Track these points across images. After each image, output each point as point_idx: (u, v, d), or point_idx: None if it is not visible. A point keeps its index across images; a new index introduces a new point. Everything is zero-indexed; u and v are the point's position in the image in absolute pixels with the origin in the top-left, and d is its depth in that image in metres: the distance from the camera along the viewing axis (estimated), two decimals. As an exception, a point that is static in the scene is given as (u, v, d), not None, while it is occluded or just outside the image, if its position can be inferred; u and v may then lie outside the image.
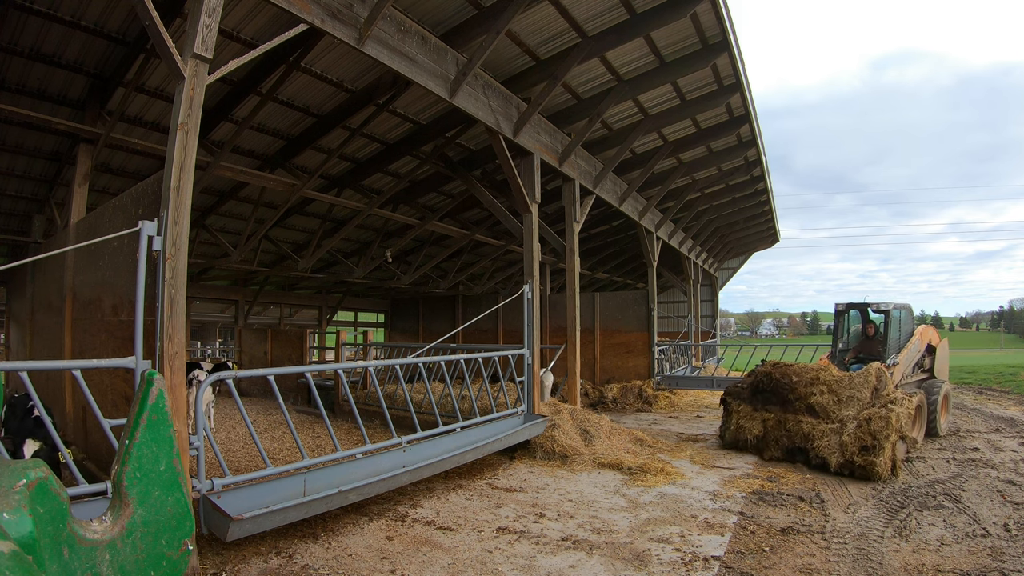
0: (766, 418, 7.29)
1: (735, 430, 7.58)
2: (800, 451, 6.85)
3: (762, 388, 7.51)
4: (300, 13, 4.62)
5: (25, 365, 3.67)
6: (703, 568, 3.92)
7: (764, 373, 7.60)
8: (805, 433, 6.80)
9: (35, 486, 1.22)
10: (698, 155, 11.97)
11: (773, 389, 7.36)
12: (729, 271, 29.25)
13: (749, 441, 7.34)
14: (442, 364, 7.99)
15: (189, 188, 3.92)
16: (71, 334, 5.74)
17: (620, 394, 12.25)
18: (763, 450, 7.20)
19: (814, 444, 6.63)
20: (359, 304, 22.34)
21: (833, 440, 6.52)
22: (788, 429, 7.00)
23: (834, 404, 6.86)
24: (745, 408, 7.56)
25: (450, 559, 4.07)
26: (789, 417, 7.04)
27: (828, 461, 6.43)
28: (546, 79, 7.45)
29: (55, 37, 6.03)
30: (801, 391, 7.11)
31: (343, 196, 10.90)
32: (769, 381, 7.44)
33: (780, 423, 7.11)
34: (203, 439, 3.98)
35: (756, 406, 7.47)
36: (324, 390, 10.74)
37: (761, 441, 7.26)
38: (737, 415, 7.63)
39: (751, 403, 7.55)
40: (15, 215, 10.31)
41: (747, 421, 7.44)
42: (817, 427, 6.74)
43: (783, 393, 7.24)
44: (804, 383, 7.18)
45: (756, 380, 7.64)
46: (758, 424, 7.33)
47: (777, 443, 7.08)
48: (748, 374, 7.93)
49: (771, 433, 7.16)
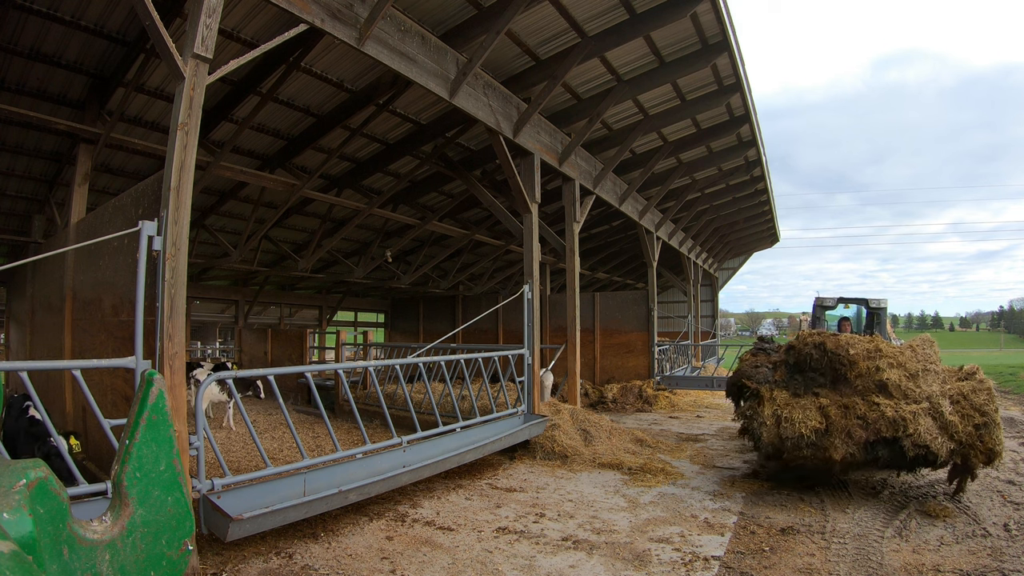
0: (823, 404, 5.40)
1: (779, 425, 5.42)
2: (887, 443, 5.12)
3: (808, 365, 5.76)
4: (300, 13, 4.63)
5: (25, 365, 3.67)
6: (703, 568, 3.92)
7: (815, 344, 5.80)
8: (891, 419, 5.09)
9: (35, 486, 1.21)
10: (698, 155, 11.97)
11: (827, 366, 5.68)
12: (729, 271, 29.26)
13: (804, 439, 5.27)
14: (442, 364, 7.99)
15: (189, 188, 3.92)
16: (71, 334, 5.74)
17: (620, 394, 12.25)
18: (827, 449, 5.19)
19: (909, 431, 4.99)
20: (359, 304, 22.34)
21: (928, 423, 5.03)
22: (862, 416, 5.21)
23: (907, 379, 5.35)
24: (783, 395, 5.66)
25: (450, 559, 4.07)
26: (857, 401, 5.32)
27: (933, 450, 4.93)
28: (546, 79, 7.45)
29: (55, 37, 6.03)
30: (863, 366, 5.50)
31: (343, 196, 10.90)
32: (821, 355, 5.70)
33: (847, 409, 5.31)
34: (203, 439, 3.98)
35: (798, 390, 5.68)
36: (324, 390, 10.74)
37: (824, 437, 5.24)
38: (773, 404, 5.60)
39: (789, 387, 5.74)
40: (15, 215, 10.31)
41: (796, 411, 5.45)
42: (903, 409, 5.13)
43: (840, 370, 5.58)
44: (864, 355, 5.58)
45: (801, 355, 5.85)
46: (814, 413, 5.35)
47: (850, 437, 5.19)
48: (785, 349, 6.08)
49: (837, 424, 5.25)
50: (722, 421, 10.31)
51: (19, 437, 4.48)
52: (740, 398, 6.14)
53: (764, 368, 6.03)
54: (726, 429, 9.45)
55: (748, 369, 6.14)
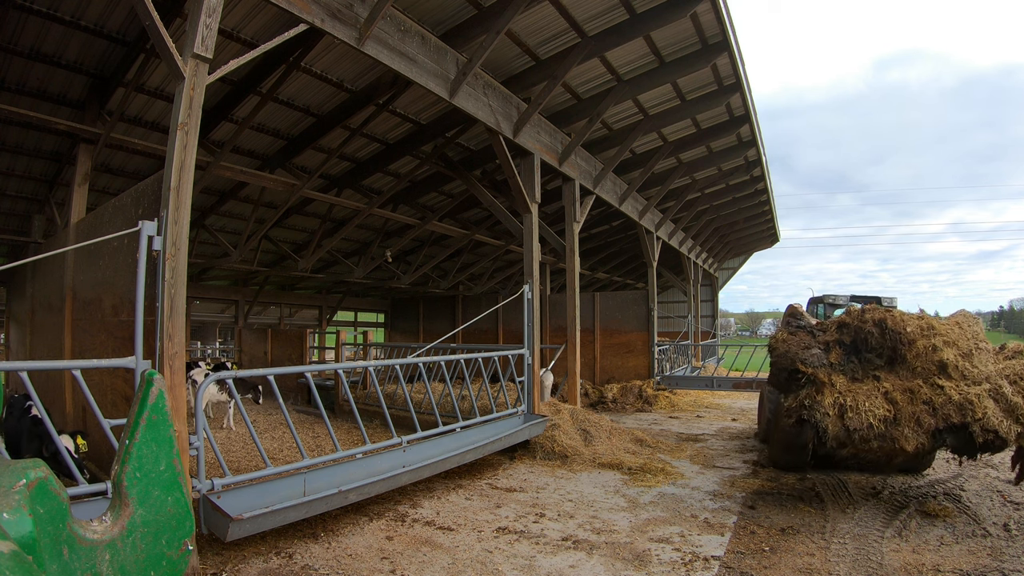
0: (887, 390, 4.87)
1: (842, 416, 4.81)
2: (954, 430, 4.71)
3: (866, 345, 5.17)
4: (300, 13, 4.63)
5: (25, 365, 3.67)
6: (703, 568, 3.92)
7: (876, 322, 5.18)
8: (958, 403, 4.68)
9: (35, 486, 1.22)
10: (698, 155, 11.97)
11: (885, 346, 5.12)
12: (729, 271, 29.26)
13: (873, 429, 4.72)
14: (442, 364, 7.99)
15: (189, 188, 3.92)
16: (71, 334, 5.74)
17: (620, 394, 12.25)
18: (897, 439, 4.71)
19: (977, 416, 4.60)
20: (359, 304, 22.35)
21: (992, 405, 4.65)
22: (927, 401, 4.76)
23: (962, 359, 4.97)
24: (841, 380, 5.05)
25: (450, 559, 4.07)
26: (920, 384, 4.87)
27: (1002, 434, 4.57)
28: (546, 79, 7.45)
29: (55, 37, 6.03)
30: (921, 345, 5.03)
31: (343, 196, 10.90)
32: (880, 333, 5.13)
33: (912, 394, 4.83)
34: (203, 439, 3.98)
35: (856, 374, 5.09)
36: (324, 390, 10.74)
37: (893, 426, 4.75)
38: (834, 392, 4.95)
39: (846, 371, 5.14)
40: (15, 215, 10.31)
41: (860, 399, 4.87)
42: (968, 391, 4.72)
43: (899, 350, 5.07)
44: (920, 333, 5.09)
45: (859, 334, 5.23)
46: (880, 401, 4.82)
47: (919, 425, 4.71)
48: (836, 327, 5.45)
49: (904, 412, 4.76)
50: (722, 421, 10.32)
51: (22, 437, 4.48)
52: (791, 385, 5.28)
53: (816, 350, 5.28)
54: (726, 429, 9.46)
55: (798, 351, 5.31)
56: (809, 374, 5.15)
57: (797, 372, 5.22)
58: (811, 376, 5.12)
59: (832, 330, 5.45)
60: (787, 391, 5.37)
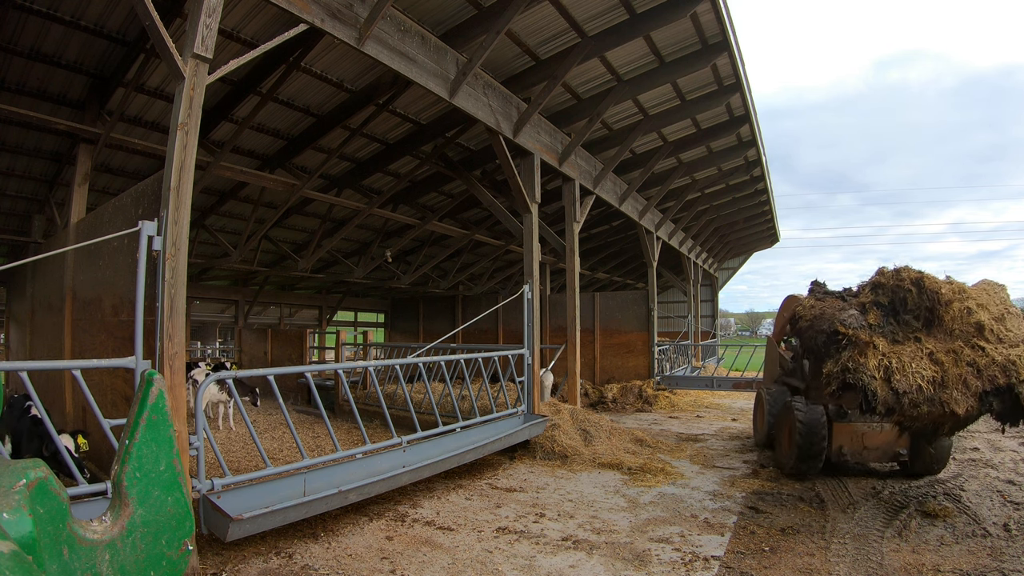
0: (931, 351, 4.64)
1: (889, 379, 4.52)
2: (998, 393, 4.53)
3: (904, 306, 4.94)
4: (300, 13, 4.63)
5: (25, 365, 3.67)
6: (703, 568, 3.92)
7: (914, 281, 4.96)
8: (1002, 364, 4.50)
9: (35, 486, 1.22)
10: (698, 155, 11.97)
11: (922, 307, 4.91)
12: (729, 271, 29.26)
13: (923, 392, 4.48)
14: (442, 364, 7.99)
15: (189, 188, 3.92)
16: (71, 334, 5.74)
17: (620, 394, 12.25)
18: (947, 403, 4.49)
19: (1022, 377, 4.44)
20: (359, 304, 22.35)
21: None
22: (971, 363, 4.57)
23: (996, 322, 4.84)
24: (882, 342, 4.75)
25: (450, 559, 4.07)
26: (961, 346, 4.67)
27: None
28: (546, 79, 7.45)
29: (55, 37, 6.03)
30: (957, 307, 4.86)
31: (343, 196, 10.90)
32: (918, 293, 4.91)
33: (955, 355, 4.61)
34: (203, 439, 3.98)
35: (896, 336, 4.82)
36: (324, 390, 10.73)
37: (941, 387, 4.52)
38: (877, 354, 4.65)
39: (885, 333, 4.87)
40: (15, 215, 10.31)
41: (906, 360, 4.59)
42: (1011, 353, 4.57)
43: (936, 311, 4.87)
44: (954, 295, 4.95)
45: (896, 295, 4.99)
46: (925, 362, 4.57)
47: (967, 387, 4.52)
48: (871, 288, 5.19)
49: (951, 373, 4.54)
50: (722, 421, 10.32)
51: (22, 437, 4.48)
52: (829, 349, 4.95)
53: (853, 311, 5.00)
54: (726, 429, 9.45)
55: (835, 313, 5.03)
56: (850, 335, 4.80)
57: (836, 334, 4.85)
58: (852, 338, 4.77)
59: (866, 291, 5.18)
60: (823, 357, 5.00)
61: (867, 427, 6.02)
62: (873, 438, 6.06)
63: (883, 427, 5.95)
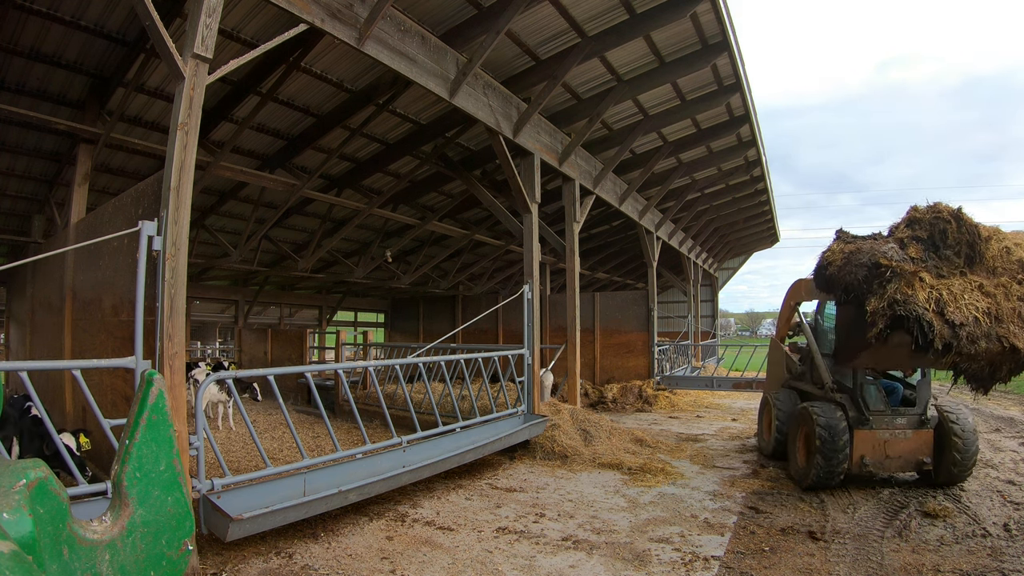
0: (980, 284, 4.51)
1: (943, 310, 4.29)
2: None
3: (944, 241, 4.72)
4: (300, 13, 4.63)
5: (25, 365, 3.68)
6: (703, 568, 3.92)
7: (952, 213, 4.75)
8: None
9: (35, 486, 1.21)
10: (698, 155, 11.97)
11: (962, 243, 4.70)
12: (729, 271, 29.27)
13: (980, 325, 4.31)
14: (442, 364, 7.99)
15: (189, 188, 3.92)
16: (71, 334, 5.74)
17: (620, 394, 12.25)
18: (1007, 337, 4.31)
19: None
20: (359, 304, 22.34)
21: None
22: (1022, 298, 4.46)
23: None
24: (927, 276, 4.56)
25: (450, 559, 4.07)
26: (1008, 281, 4.55)
27: None
28: (546, 79, 7.45)
29: (55, 37, 6.02)
30: (995, 246, 4.75)
31: (343, 196, 10.90)
32: (958, 227, 4.70)
33: (1005, 289, 4.49)
34: (203, 439, 3.98)
35: (940, 271, 4.60)
36: (324, 390, 10.73)
37: (997, 321, 4.36)
38: (924, 286, 4.44)
39: (928, 268, 4.64)
40: (15, 215, 10.31)
41: (957, 291, 4.42)
42: None
43: (976, 247, 4.70)
44: (992, 233, 4.84)
45: (935, 228, 4.74)
46: (976, 295, 4.43)
47: (1022, 320, 4.39)
48: (906, 223, 4.92)
49: (1004, 308, 4.39)
50: (722, 421, 10.32)
51: (22, 437, 4.47)
52: (871, 285, 4.64)
53: (891, 245, 4.74)
54: (726, 429, 9.46)
55: (873, 247, 4.77)
56: (893, 266, 4.51)
57: (879, 267, 4.57)
58: (897, 269, 4.49)
59: (901, 228, 4.92)
60: (865, 294, 4.67)
61: (890, 434, 5.63)
62: (896, 446, 5.64)
63: (906, 433, 5.63)
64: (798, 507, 5.21)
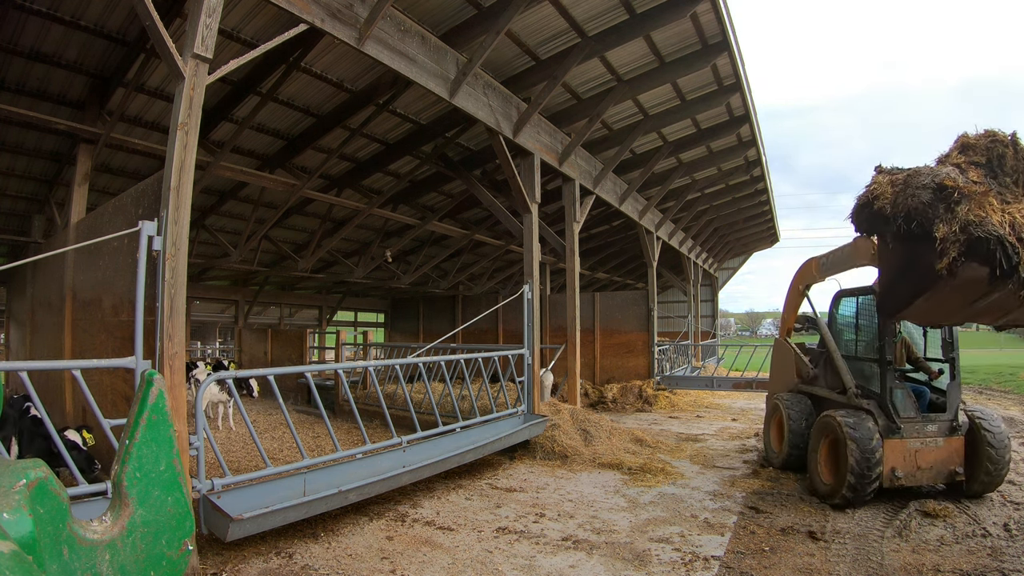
0: None
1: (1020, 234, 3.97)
2: None
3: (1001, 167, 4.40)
4: (300, 13, 4.63)
5: (25, 365, 3.68)
6: (703, 568, 3.92)
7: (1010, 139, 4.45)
8: None
9: (35, 486, 1.21)
10: (698, 155, 11.97)
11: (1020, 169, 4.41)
12: (729, 271, 29.26)
13: None
14: (442, 364, 7.99)
15: (189, 188, 3.92)
16: (71, 334, 5.74)
17: (620, 394, 12.25)
18: None
19: None
20: (359, 304, 22.35)
21: None
22: None
23: None
24: (992, 200, 4.18)
25: (450, 559, 4.07)
26: None
27: None
28: (546, 79, 7.45)
29: (55, 37, 6.02)
30: None
31: (343, 196, 10.90)
32: (1015, 154, 4.40)
33: None
34: (203, 439, 3.98)
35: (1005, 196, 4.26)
36: (324, 390, 10.73)
37: None
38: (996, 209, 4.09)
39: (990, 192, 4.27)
40: (15, 215, 10.30)
41: None
42: None
43: None
44: None
45: (991, 152, 4.43)
46: None
47: None
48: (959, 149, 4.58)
49: None
50: (722, 421, 10.32)
51: (22, 437, 4.47)
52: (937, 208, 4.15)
53: (950, 168, 4.36)
54: (726, 429, 9.45)
55: (932, 171, 4.41)
56: (961, 188, 4.08)
57: (944, 188, 4.12)
58: (965, 191, 4.07)
59: (955, 155, 4.52)
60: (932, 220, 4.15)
61: (921, 442, 5.30)
62: (927, 455, 5.30)
63: (938, 442, 5.32)
64: (798, 507, 5.21)
